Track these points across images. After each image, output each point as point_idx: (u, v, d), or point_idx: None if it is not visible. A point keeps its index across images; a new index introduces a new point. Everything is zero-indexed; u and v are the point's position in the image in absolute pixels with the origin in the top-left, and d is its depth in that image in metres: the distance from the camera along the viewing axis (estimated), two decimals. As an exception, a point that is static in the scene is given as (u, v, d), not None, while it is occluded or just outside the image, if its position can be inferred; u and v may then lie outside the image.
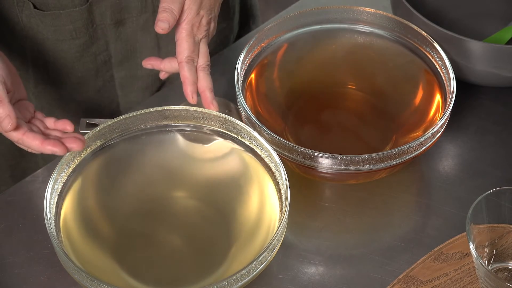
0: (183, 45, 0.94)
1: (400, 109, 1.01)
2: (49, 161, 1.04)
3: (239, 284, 0.80)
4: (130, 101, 1.16)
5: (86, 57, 1.09)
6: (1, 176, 1.19)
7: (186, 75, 0.94)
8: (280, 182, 0.88)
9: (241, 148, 0.93)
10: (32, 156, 1.20)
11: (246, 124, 0.93)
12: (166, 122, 0.94)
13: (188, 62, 0.94)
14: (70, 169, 0.89)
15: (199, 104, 1.02)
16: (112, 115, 1.16)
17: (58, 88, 1.12)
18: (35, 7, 1.03)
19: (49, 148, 0.84)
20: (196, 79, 0.95)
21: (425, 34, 1.00)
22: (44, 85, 1.12)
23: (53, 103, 1.14)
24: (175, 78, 1.16)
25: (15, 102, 0.90)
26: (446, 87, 0.97)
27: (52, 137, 0.87)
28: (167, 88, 1.13)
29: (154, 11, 1.08)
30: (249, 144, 0.92)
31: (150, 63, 1.00)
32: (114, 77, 1.14)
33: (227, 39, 1.21)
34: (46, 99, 1.14)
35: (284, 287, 0.89)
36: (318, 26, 1.05)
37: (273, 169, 0.89)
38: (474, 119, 1.05)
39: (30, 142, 0.85)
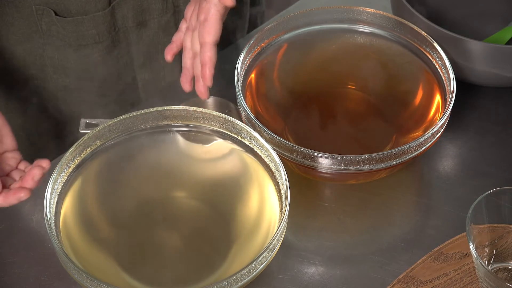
0: (216, 27, 0.95)
1: (400, 109, 1.01)
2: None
3: (239, 284, 0.80)
4: (154, 102, 1.16)
5: (108, 61, 1.09)
6: None
7: (212, 57, 0.95)
8: (280, 182, 0.88)
9: (241, 148, 0.93)
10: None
11: (246, 124, 0.93)
12: (166, 122, 0.94)
13: (215, 45, 0.95)
14: (70, 169, 0.89)
15: (199, 104, 1.02)
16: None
17: (80, 93, 1.12)
18: (56, 14, 1.03)
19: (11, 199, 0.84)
20: None
21: (425, 34, 1.00)
22: (65, 92, 1.12)
23: (75, 109, 1.14)
24: (175, 77, 1.16)
25: None
26: (446, 87, 0.97)
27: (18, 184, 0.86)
28: (167, 88, 1.13)
29: (175, 12, 1.09)
30: (249, 144, 0.92)
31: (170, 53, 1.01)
32: (136, 79, 1.14)
33: (234, 37, 1.21)
34: (68, 105, 1.14)
35: (284, 287, 0.89)
36: (318, 26, 1.05)
37: (273, 169, 0.89)
38: (474, 119, 1.05)
39: None
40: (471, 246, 0.81)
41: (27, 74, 1.11)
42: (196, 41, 0.98)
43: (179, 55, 1.14)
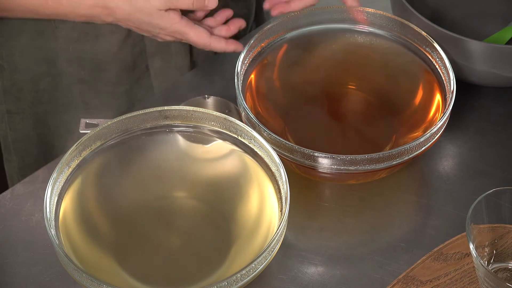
0: None
1: (400, 109, 1.01)
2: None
3: (239, 284, 0.80)
4: (165, 91, 1.16)
5: (124, 49, 1.10)
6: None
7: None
8: (280, 182, 0.88)
9: (241, 149, 0.93)
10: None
11: (246, 124, 0.93)
12: (166, 122, 0.94)
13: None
14: (70, 169, 0.89)
15: (199, 104, 1.02)
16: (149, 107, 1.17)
17: (95, 84, 1.12)
18: None
19: (232, 46, 1.04)
20: None
21: (425, 34, 1.00)
22: (79, 85, 1.12)
23: (90, 101, 1.14)
24: (185, 67, 1.16)
25: None
26: (446, 87, 0.97)
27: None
28: (167, 88, 1.13)
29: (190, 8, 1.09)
30: (249, 144, 0.92)
31: (277, 11, 1.07)
32: (149, 67, 1.14)
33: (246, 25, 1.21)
34: (83, 98, 1.14)
35: (284, 287, 0.89)
36: (318, 26, 1.05)
37: (273, 169, 0.89)
38: (474, 119, 1.05)
39: (217, 44, 1.03)
40: (471, 246, 0.81)
41: (38, 71, 1.11)
42: None
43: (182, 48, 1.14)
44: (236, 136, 0.93)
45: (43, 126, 1.16)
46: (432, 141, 0.92)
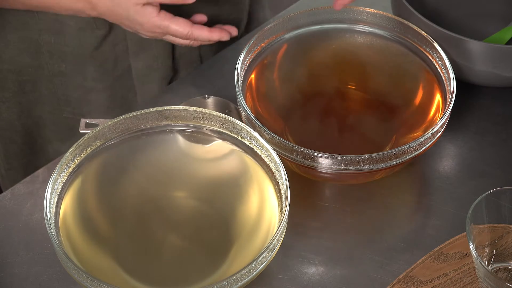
0: None
1: (400, 109, 1.01)
2: (60, 154, 1.04)
3: (239, 284, 0.80)
4: (147, 91, 1.16)
5: (105, 46, 1.10)
6: (15, 178, 1.20)
7: None
8: (280, 182, 0.88)
9: (241, 148, 0.93)
10: (43, 153, 1.20)
11: (246, 124, 0.93)
12: (166, 122, 0.94)
13: None
14: (70, 169, 0.89)
15: (199, 104, 1.02)
16: (129, 106, 1.17)
17: (76, 79, 1.13)
18: None
19: (216, 35, 1.03)
20: None
21: (425, 34, 1.00)
22: (61, 77, 1.12)
23: (71, 95, 1.14)
24: (168, 71, 1.16)
25: None
26: (446, 87, 0.97)
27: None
28: (167, 88, 1.13)
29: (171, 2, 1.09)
30: (249, 144, 0.92)
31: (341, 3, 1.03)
32: (131, 67, 1.14)
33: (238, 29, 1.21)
34: (63, 91, 1.14)
35: (284, 287, 0.89)
36: (318, 26, 1.05)
37: (273, 169, 0.89)
38: (474, 119, 1.05)
39: (199, 32, 1.01)
40: (471, 246, 0.81)
41: (21, 62, 1.11)
42: None
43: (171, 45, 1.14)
44: (236, 136, 0.93)
45: (27, 116, 1.17)
46: (432, 141, 0.92)
